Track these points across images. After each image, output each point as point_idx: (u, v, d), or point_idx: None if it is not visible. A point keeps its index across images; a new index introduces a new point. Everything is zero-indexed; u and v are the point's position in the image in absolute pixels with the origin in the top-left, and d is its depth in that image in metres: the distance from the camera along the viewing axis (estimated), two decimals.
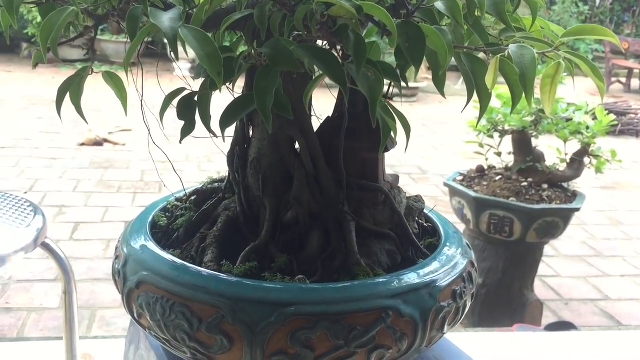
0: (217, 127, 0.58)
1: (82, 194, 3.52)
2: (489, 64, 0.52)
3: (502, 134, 2.25)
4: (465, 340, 1.30)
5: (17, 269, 2.52)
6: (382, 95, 0.58)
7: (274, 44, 0.51)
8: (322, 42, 0.58)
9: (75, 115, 0.67)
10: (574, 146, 2.21)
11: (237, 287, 0.59)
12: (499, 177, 2.31)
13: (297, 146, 0.70)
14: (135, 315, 0.64)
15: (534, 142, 2.25)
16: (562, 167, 2.26)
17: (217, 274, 0.61)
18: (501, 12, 0.52)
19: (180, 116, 0.60)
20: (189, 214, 0.75)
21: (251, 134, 0.72)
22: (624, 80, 8.62)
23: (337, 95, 0.73)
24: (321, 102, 0.78)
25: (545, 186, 2.24)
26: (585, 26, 0.51)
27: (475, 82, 0.53)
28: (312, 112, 0.70)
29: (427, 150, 4.91)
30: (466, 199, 2.21)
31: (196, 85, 0.62)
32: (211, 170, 4.00)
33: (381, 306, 0.58)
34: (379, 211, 0.71)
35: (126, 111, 0.66)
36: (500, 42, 0.56)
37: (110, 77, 0.65)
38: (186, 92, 0.60)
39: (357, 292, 0.59)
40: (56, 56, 0.56)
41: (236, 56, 0.55)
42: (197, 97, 0.60)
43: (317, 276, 0.64)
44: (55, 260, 1.03)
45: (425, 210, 0.79)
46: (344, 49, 0.56)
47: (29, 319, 2.22)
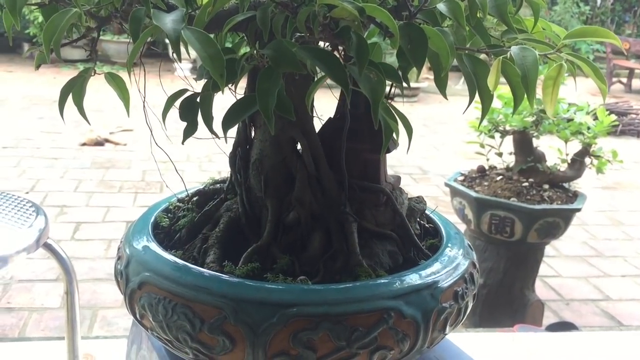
0: (219, 128, 0.58)
1: (84, 194, 3.52)
2: (491, 65, 0.52)
3: (503, 134, 2.25)
4: (466, 340, 1.30)
5: (18, 269, 2.52)
6: (384, 96, 0.58)
7: (276, 46, 0.51)
8: (323, 43, 0.58)
9: (76, 115, 0.68)
10: (575, 146, 2.21)
11: (239, 288, 0.59)
12: (500, 177, 2.31)
13: (299, 147, 0.70)
14: (137, 315, 0.64)
15: (535, 142, 2.25)
16: (563, 167, 2.25)
17: (219, 274, 0.61)
18: (503, 13, 0.52)
19: (182, 117, 0.60)
20: (191, 214, 0.75)
21: (253, 135, 0.72)
22: (624, 80, 8.62)
23: (338, 96, 0.73)
24: (322, 103, 0.78)
25: (546, 186, 2.24)
26: (587, 28, 0.51)
27: (477, 83, 0.53)
28: (314, 113, 0.71)
29: (428, 150, 4.91)
30: (467, 199, 2.21)
31: (197, 85, 0.62)
32: (212, 170, 4.01)
33: (383, 307, 0.58)
34: (381, 212, 0.71)
35: (128, 112, 0.66)
36: (502, 43, 0.56)
37: (112, 78, 0.65)
38: (189, 94, 0.60)
39: (359, 293, 0.59)
40: (59, 57, 0.56)
41: (238, 58, 0.55)
42: (199, 98, 0.60)
43: (318, 277, 0.64)
44: (57, 260, 1.03)
45: (426, 211, 0.79)
46: (346, 51, 0.56)
47: (30, 318, 2.23)
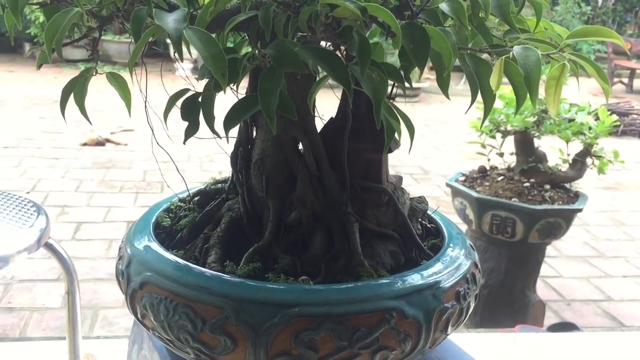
0: (220, 128, 0.58)
1: (85, 194, 3.52)
2: (493, 65, 0.52)
3: (505, 134, 2.24)
4: (467, 340, 1.30)
5: (19, 269, 2.52)
6: (386, 96, 0.58)
7: (278, 45, 0.51)
8: (325, 43, 0.58)
9: (77, 115, 0.67)
10: (577, 147, 2.21)
11: (240, 288, 0.59)
12: (501, 177, 2.31)
13: (300, 147, 0.70)
14: (138, 315, 0.64)
15: (536, 142, 2.25)
16: (564, 167, 2.25)
17: (221, 274, 0.61)
18: (505, 13, 0.52)
19: (184, 117, 0.60)
20: (192, 214, 0.75)
21: (255, 134, 0.72)
22: (626, 80, 8.61)
23: (340, 96, 0.73)
24: (323, 103, 0.78)
25: (547, 187, 2.24)
26: (589, 27, 0.51)
27: (479, 83, 0.53)
28: (316, 113, 0.70)
29: (429, 150, 4.91)
30: (468, 200, 2.21)
31: (199, 85, 0.62)
32: (213, 170, 4.01)
33: (385, 307, 0.58)
34: (383, 212, 0.71)
35: (130, 112, 0.66)
36: (504, 43, 0.56)
37: (114, 78, 0.65)
38: (190, 93, 0.60)
39: (361, 293, 0.58)
40: (60, 57, 0.56)
41: (240, 57, 0.55)
42: (201, 98, 0.60)
43: (320, 277, 0.64)
44: (58, 260, 1.03)
45: (428, 211, 0.79)
46: (348, 50, 0.56)
47: (31, 318, 2.23)
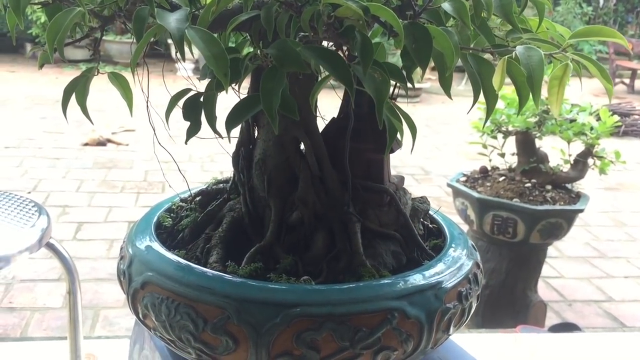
0: (222, 128, 0.58)
1: (86, 194, 3.52)
2: (496, 65, 0.52)
3: (506, 134, 2.24)
4: (468, 341, 1.30)
5: (20, 269, 2.53)
6: (388, 96, 0.58)
7: (280, 45, 0.51)
8: (327, 43, 0.58)
9: (78, 115, 0.67)
10: (578, 147, 2.20)
11: (242, 288, 0.59)
12: (503, 178, 2.31)
13: (302, 147, 0.70)
14: (140, 315, 0.64)
15: (537, 143, 2.25)
16: (565, 168, 2.25)
17: (222, 274, 0.61)
18: (508, 13, 0.52)
19: (186, 117, 0.60)
20: (193, 214, 0.75)
21: (256, 134, 0.72)
22: (627, 81, 8.60)
23: (342, 96, 0.73)
24: (324, 103, 0.78)
25: (548, 187, 2.24)
26: (592, 27, 0.51)
27: (482, 83, 0.53)
28: (317, 113, 0.70)
29: (431, 150, 4.91)
30: (469, 200, 2.21)
31: (200, 85, 0.62)
32: (214, 170, 4.01)
33: (387, 307, 0.58)
34: (384, 212, 0.71)
35: (131, 112, 0.66)
36: (506, 43, 0.56)
37: (115, 78, 0.65)
38: (192, 93, 0.60)
39: (363, 293, 0.58)
40: (62, 57, 0.56)
41: (242, 57, 0.55)
42: (202, 97, 0.59)
43: (322, 277, 0.64)
44: (59, 260, 1.03)
45: (430, 211, 0.79)
46: (350, 50, 0.56)
47: (32, 318, 2.23)
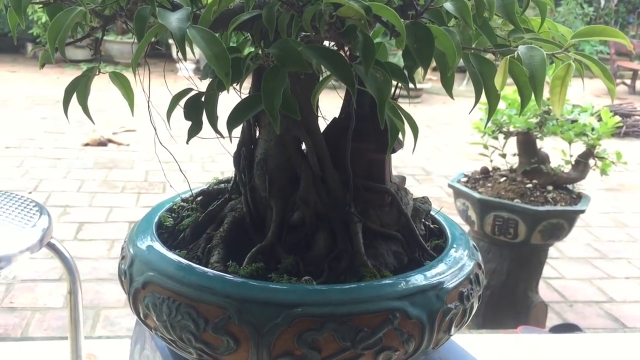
0: (223, 128, 0.58)
1: (86, 194, 3.52)
2: (497, 65, 0.52)
3: (507, 135, 2.24)
4: (469, 341, 1.30)
5: (21, 269, 2.53)
6: (390, 96, 0.58)
7: (282, 45, 0.51)
8: (329, 42, 0.58)
9: (79, 115, 0.67)
10: (579, 148, 2.20)
11: (243, 288, 0.59)
12: (504, 178, 2.30)
13: (303, 147, 0.70)
14: (141, 315, 0.64)
15: (538, 143, 2.24)
16: (567, 168, 2.25)
17: (223, 274, 0.61)
18: (510, 13, 0.52)
19: (187, 117, 0.60)
20: (195, 214, 0.75)
21: (258, 134, 0.72)
22: (628, 82, 8.60)
23: (343, 96, 0.73)
24: (325, 103, 0.78)
25: (550, 188, 2.23)
26: (595, 27, 0.51)
27: (484, 83, 0.53)
28: (319, 113, 0.70)
29: (431, 151, 4.90)
30: (470, 201, 2.20)
31: (201, 85, 0.62)
32: (215, 170, 4.01)
33: (388, 308, 0.58)
34: (386, 212, 0.70)
35: (133, 111, 0.66)
36: (508, 43, 0.56)
37: (117, 78, 0.65)
38: (193, 93, 0.60)
39: (364, 294, 0.58)
40: (63, 56, 0.56)
41: (243, 57, 0.55)
42: (204, 97, 0.59)
43: (323, 277, 0.63)
44: (60, 260, 1.03)
45: (431, 211, 0.78)
46: (352, 50, 0.56)
47: (33, 318, 2.23)
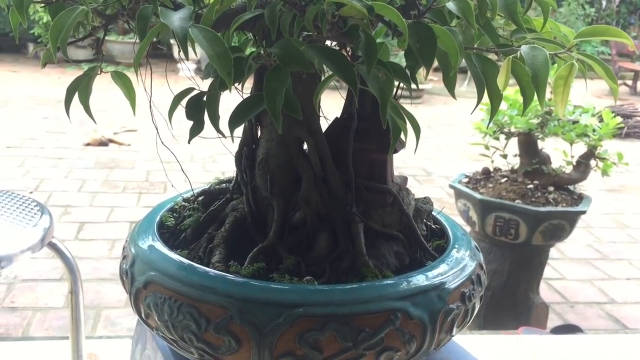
0: (224, 128, 0.58)
1: (88, 194, 3.52)
2: (500, 65, 0.51)
3: (508, 136, 2.24)
4: (470, 342, 1.30)
5: (22, 269, 2.53)
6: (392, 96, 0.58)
7: (284, 44, 0.51)
8: (331, 42, 0.57)
9: (80, 115, 0.67)
10: (580, 149, 2.20)
11: (244, 288, 0.59)
12: (505, 179, 2.30)
13: (305, 147, 0.70)
14: (142, 315, 0.64)
15: (540, 144, 2.24)
16: (568, 169, 2.25)
17: (225, 274, 0.61)
18: (513, 12, 0.52)
19: (189, 116, 0.60)
20: (196, 214, 0.74)
21: (259, 134, 0.72)
22: (630, 82, 8.59)
23: (345, 96, 0.73)
24: (327, 103, 0.78)
25: (551, 189, 2.23)
26: (598, 27, 0.51)
27: (486, 83, 0.52)
28: (320, 113, 0.70)
29: (432, 151, 4.90)
30: (472, 201, 2.20)
31: (202, 85, 0.62)
32: (216, 171, 4.01)
33: (390, 308, 0.58)
34: (387, 213, 0.70)
35: (134, 111, 0.66)
36: (511, 43, 0.56)
37: (118, 77, 0.65)
38: (195, 92, 0.60)
39: (366, 294, 0.58)
40: (65, 56, 0.56)
41: (246, 56, 0.55)
42: (206, 97, 0.59)
43: (325, 277, 0.63)
44: (61, 259, 1.02)
45: (433, 212, 0.78)
46: (354, 50, 0.56)
47: (34, 318, 2.23)
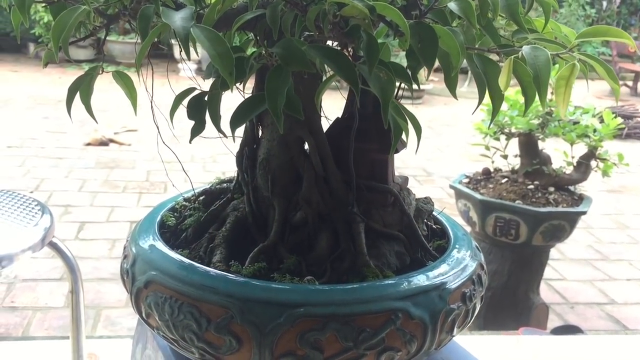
0: (225, 128, 0.58)
1: (88, 194, 3.52)
2: (501, 65, 0.51)
3: (509, 136, 2.24)
4: (471, 343, 1.30)
5: (22, 268, 2.53)
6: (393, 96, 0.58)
7: (285, 44, 0.51)
8: (332, 42, 0.57)
9: (81, 115, 0.68)
10: (581, 149, 2.20)
11: (245, 288, 0.59)
12: (505, 179, 2.30)
13: (306, 147, 0.70)
14: (143, 314, 0.64)
15: (540, 144, 2.24)
16: (568, 170, 2.25)
17: (226, 274, 0.61)
18: (514, 13, 0.52)
19: (190, 116, 0.60)
20: (197, 214, 0.74)
21: (260, 134, 0.72)
22: (630, 83, 8.59)
23: (346, 96, 0.73)
24: (327, 104, 0.78)
25: (551, 189, 2.23)
26: (599, 27, 0.51)
27: (487, 83, 0.52)
28: (321, 113, 0.70)
29: (433, 152, 4.90)
30: (472, 202, 2.20)
31: (203, 85, 0.62)
32: (216, 171, 4.01)
33: (390, 308, 0.58)
34: (388, 212, 0.70)
35: (136, 111, 0.66)
36: (512, 43, 0.56)
37: (120, 77, 0.65)
38: (196, 92, 0.60)
39: (367, 294, 0.58)
40: (67, 55, 0.56)
41: (247, 56, 0.55)
42: (207, 97, 0.59)
43: (326, 277, 0.63)
44: (62, 259, 1.03)
45: (434, 212, 0.78)
46: (355, 50, 0.56)
47: (34, 318, 2.23)
